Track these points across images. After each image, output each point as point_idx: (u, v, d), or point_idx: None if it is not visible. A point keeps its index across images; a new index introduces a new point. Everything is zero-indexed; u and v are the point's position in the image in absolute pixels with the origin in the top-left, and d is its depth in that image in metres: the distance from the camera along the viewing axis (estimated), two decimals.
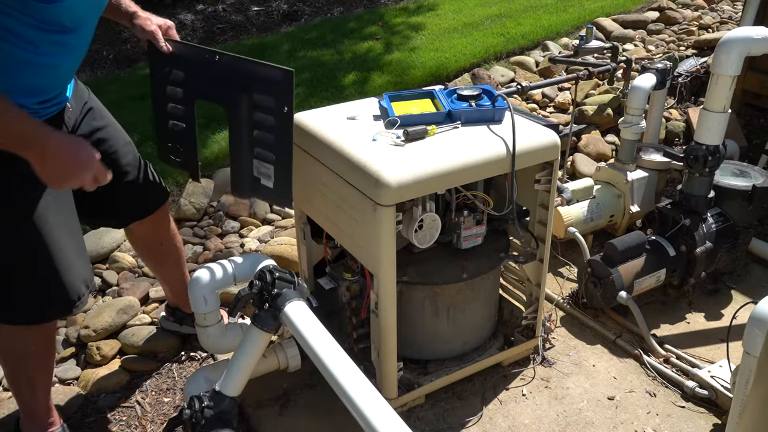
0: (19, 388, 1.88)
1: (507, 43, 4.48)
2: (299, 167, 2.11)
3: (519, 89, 2.95)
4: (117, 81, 4.74)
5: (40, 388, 1.89)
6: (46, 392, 1.92)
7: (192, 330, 2.26)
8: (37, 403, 1.90)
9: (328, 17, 5.99)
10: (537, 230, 2.12)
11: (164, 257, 2.21)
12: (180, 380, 2.27)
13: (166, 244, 2.18)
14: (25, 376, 1.84)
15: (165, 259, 2.22)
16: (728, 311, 2.52)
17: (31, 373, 1.84)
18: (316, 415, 2.08)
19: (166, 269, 2.27)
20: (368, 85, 4.02)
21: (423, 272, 2.00)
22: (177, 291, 2.30)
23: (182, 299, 2.27)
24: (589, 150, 3.43)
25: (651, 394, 2.16)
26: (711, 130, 2.39)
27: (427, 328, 2.11)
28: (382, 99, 2.06)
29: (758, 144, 3.45)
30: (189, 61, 1.90)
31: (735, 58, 2.26)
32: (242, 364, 1.76)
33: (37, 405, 1.91)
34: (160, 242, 2.16)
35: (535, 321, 2.24)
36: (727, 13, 4.93)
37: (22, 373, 1.84)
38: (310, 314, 1.63)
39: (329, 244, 2.16)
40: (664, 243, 2.48)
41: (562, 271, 2.78)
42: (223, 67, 1.83)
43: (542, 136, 1.92)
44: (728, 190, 2.56)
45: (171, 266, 2.25)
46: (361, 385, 1.38)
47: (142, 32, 1.84)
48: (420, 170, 1.71)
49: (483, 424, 2.05)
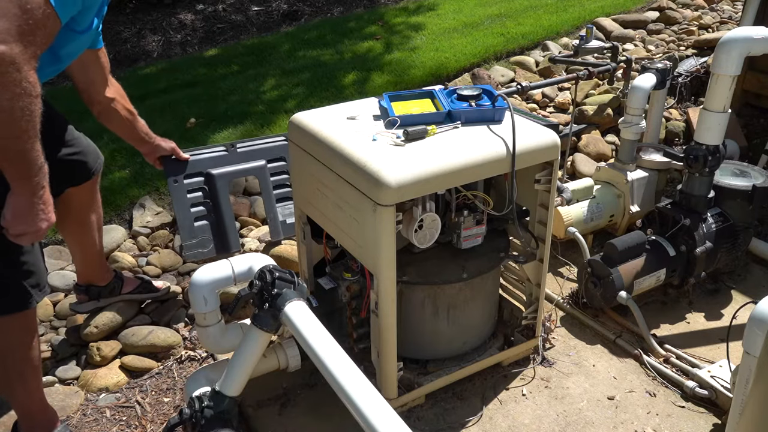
0: (13, 387, 1.87)
1: (507, 42, 4.47)
2: (299, 167, 2.11)
3: (519, 89, 2.95)
4: (117, 81, 4.73)
5: (32, 383, 1.88)
6: (39, 388, 1.92)
7: (111, 300, 2.38)
8: (32, 400, 1.90)
9: (328, 17, 5.99)
10: (537, 230, 2.12)
11: (91, 224, 2.27)
12: (180, 380, 2.27)
13: (96, 209, 2.27)
14: (15, 372, 1.84)
15: (91, 226, 2.27)
16: (728, 311, 2.52)
17: (21, 366, 1.84)
18: (316, 415, 2.08)
19: (89, 237, 2.29)
20: (368, 85, 4.02)
21: (423, 272, 2.00)
22: (94, 261, 2.35)
23: (96, 271, 2.37)
24: (589, 150, 3.43)
25: (651, 394, 2.16)
26: (711, 130, 2.39)
27: (427, 328, 2.11)
28: (382, 99, 2.06)
29: (758, 144, 3.45)
30: (208, 159, 2.53)
31: (735, 58, 2.26)
32: (242, 364, 1.76)
33: (32, 402, 1.90)
34: (92, 208, 2.24)
35: (535, 321, 2.24)
36: (727, 13, 4.93)
37: (12, 369, 1.84)
38: (310, 314, 1.63)
39: (329, 244, 2.16)
40: (664, 243, 2.48)
41: (562, 271, 2.78)
42: (238, 152, 2.61)
43: (542, 136, 1.92)
44: (728, 190, 2.56)
45: (94, 233, 2.29)
46: (361, 385, 1.38)
47: (163, 150, 2.39)
48: (420, 170, 1.71)
49: (483, 423, 2.05)
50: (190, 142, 3.44)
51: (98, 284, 2.40)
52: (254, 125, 3.58)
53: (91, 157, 2.14)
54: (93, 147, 2.17)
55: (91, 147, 2.16)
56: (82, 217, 2.24)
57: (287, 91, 4.05)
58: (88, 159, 2.13)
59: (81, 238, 2.31)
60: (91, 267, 2.37)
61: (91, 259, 2.36)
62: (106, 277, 2.41)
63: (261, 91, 4.10)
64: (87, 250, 2.34)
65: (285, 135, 2.69)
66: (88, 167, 2.13)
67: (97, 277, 2.39)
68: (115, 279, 2.43)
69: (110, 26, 5.60)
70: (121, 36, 5.55)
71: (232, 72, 4.53)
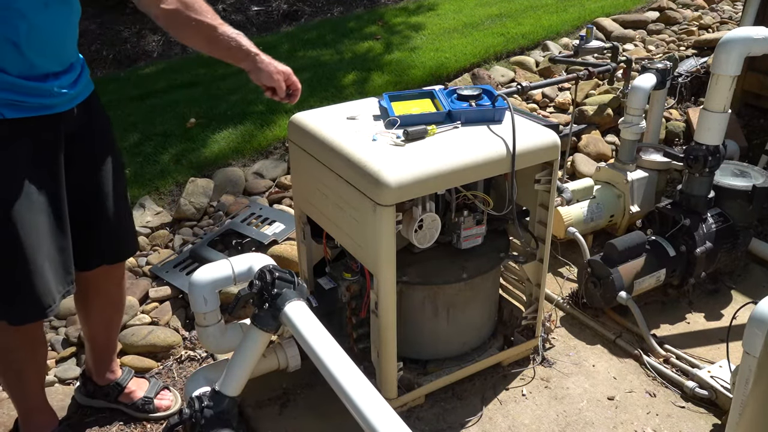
0: (10, 385, 1.87)
1: (507, 43, 4.47)
2: (299, 167, 2.11)
3: (519, 89, 2.94)
4: (117, 81, 4.73)
5: (31, 384, 1.87)
6: (38, 390, 1.91)
7: (104, 404, 2.11)
8: (29, 401, 1.89)
9: (328, 17, 5.99)
10: (537, 230, 2.12)
11: (111, 305, 2.05)
12: (180, 380, 2.27)
13: (120, 292, 2.06)
14: (12, 371, 1.83)
15: (110, 307, 2.05)
16: (728, 311, 2.52)
17: (18, 366, 1.82)
18: (316, 415, 2.07)
19: (102, 319, 2.05)
20: (368, 85, 4.02)
21: (423, 272, 2.00)
22: (100, 349, 2.08)
23: (99, 365, 2.08)
24: (589, 150, 3.42)
25: (651, 395, 2.16)
26: (711, 130, 2.39)
27: (427, 328, 2.11)
28: (382, 99, 2.06)
29: (758, 144, 3.45)
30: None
31: (735, 58, 2.26)
32: (242, 364, 1.76)
33: (29, 403, 1.90)
34: (117, 288, 2.04)
35: (535, 321, 2.24)
36: (727, 13, 4.93)
37: (9, 368, 1.83)
38: (310, 314, 1.63)
39: (329, 244, 2.16)
40: (664, 243, 2.48)
41: (562, 271, 2.78)
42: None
43: (542, 136, 1.92)
44: (728, 191, 2.55)
45: (109, 316, 2.06)
46: (361, 385, 1.38)
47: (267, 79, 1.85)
48: (420, 170, 1.71)
49: (483, 424, 2.05)
50: (190, 142, 3.44)
51: (96, 381, 2.10)
52: (254, 125, 3.57)
53: (129, 238, 1.93)
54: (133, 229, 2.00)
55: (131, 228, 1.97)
56: (103, 296, 2.00)
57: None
58: (127, 238, 1.92)
59: (96, 317, 2.04)
60: (96, 355, 2.09)
61: (98, 345, 2.08)
62: (106, 378, 2.11)
63: (261, 91, 4.07)
64: (97, 332, 2.06)
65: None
66: (124, 246, 1.93)
67: (96, 373, 2.10)
68: (114, 383, 2.11)
69: (110, 26, 5.60)
70: (121, 36, 5.55)
71: (232, 72, 4.52)
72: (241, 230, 2.76)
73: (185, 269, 2.60)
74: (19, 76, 1.53)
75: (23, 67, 1.54)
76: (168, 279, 2.57)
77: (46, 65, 1.59)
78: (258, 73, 1.83)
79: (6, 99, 1.53)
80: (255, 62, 1.81)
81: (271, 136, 3.46)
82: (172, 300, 2.53)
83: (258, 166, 3.27)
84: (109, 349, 2.10)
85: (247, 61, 1.81)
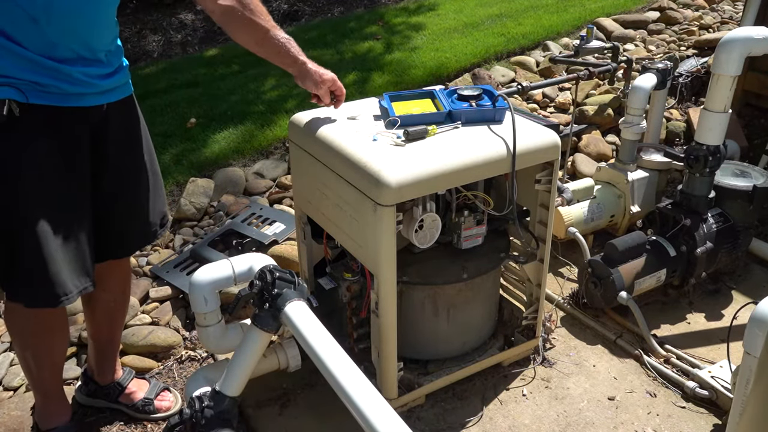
0: (28, 367, 1.88)
1: (507, 43, 4.47)
2: (299, 167, 2.11)
3: (519, 89, 2.94)
4: None
5: (46, 372, 1.88)
6: (53, 379, 1.92)
7: (105, 404, 2.11)
8: (44, 387, 1.91)
9: (328, 17, 5.99)
10: (537, 230, 2.12)
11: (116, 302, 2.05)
12: (180, 380, 2.27)
13: (125, 288, 2.08)
14: (30, 354, 1.85)
15: (115, 304, 2.05)
16: (729, 311, 2.52)
17: (34, 352, 1.84)
18: (316, 415, 2.07)
19: (107, 315, 2.04)
20: (368, 85, 4.02)
21: (423, 272, 2.00)
22: (103, 347, 2.07)
23: (101, 363, 2.07)
24: (589, 150, 3.42)
25: (651, 395, 2.16)
26: (712, 130, 2.38)
27: (428, 328, 2.11)
28: (382, 99, 2.06)
29: (759, 144, 3.45)
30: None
31: (735, 58, 2.26)
32: (242, 364, 1.76)
33: (44, 389, 1.91)
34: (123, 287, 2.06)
35: (535, 321, 2.24)
36: (727, 13, 4.92)
37: (27, 350, 1.84)
38: (311, 314, 1.63)
39: (329, 244, 2.16)
40: (664, 243, 2.48)
41: (563, 271, 2.78)
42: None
43: (542, 136, 1.91)
44: (729, 191, 2.55)
45: (114, 313, 2.06)
46: (361, 385, 1.38)
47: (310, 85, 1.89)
48: (420, 170, 1.71)
49: (483, 424, 2.05)
50: (191, 141, 3.44)
51: (98, 381, 2.09)
52: (254, 125, 3.58)
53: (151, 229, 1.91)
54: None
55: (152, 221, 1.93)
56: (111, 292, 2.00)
57: (287, 91, 4.05)
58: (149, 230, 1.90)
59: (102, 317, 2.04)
60: (99, 353, 2.08)
61: (101, 344, 2.07)
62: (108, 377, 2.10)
63: (261, 91, 4.10)
64: (101, 330, 2.05)
65: None
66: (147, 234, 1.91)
67: (99, 373, 2.09)
68: (114, 383, 2.10)
69: None
70: (121, 36, 5.53)
71: (232, 72, 4.53)
72: (242, 230, 2.76)
73: (186, 269, 2.60)
74: (40, 54, 1.49)
75: (43, 44, 1.49)
76: (168, 279, 2.57)
77: (69, 46, 1.54)
78: (304, 79, 1.88)
79: (28, 80, 1.49)
80: (301, 69, 1.87)
81: (272, 136, 3.46)
82: (172, 300, 2.53)
83: (258, 166, 3.27)
84: (112, 347, 2.10)
85: (294, 68, 1.87)
